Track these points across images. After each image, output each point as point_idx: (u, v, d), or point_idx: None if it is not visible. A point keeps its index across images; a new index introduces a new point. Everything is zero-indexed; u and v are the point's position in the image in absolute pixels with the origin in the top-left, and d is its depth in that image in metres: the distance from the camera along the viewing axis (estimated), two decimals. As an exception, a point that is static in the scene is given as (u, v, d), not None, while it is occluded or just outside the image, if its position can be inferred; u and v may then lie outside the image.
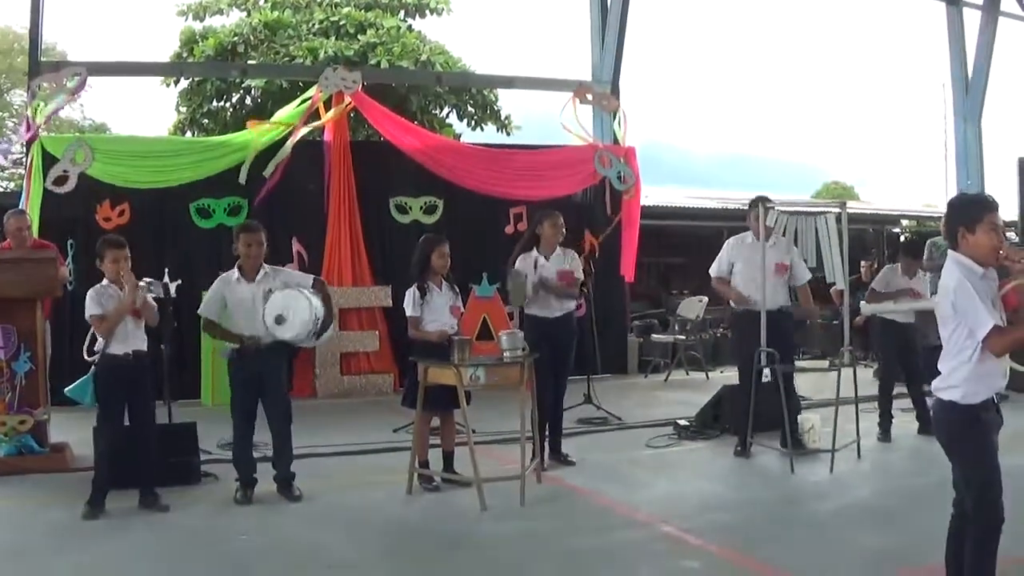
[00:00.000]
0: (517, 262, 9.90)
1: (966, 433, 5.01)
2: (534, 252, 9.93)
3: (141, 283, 8.29)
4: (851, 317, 10.79)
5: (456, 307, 9.17)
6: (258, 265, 8.74)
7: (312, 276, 9.29)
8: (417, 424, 8.99)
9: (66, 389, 8.63)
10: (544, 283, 9.80)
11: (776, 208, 10.16)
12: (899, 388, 11.29)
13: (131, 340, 8.18)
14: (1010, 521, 5.00)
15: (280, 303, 8.50)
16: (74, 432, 9.85)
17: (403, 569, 6.84)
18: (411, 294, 8.99)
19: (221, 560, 6.98)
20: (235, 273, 8.74)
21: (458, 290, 9.33)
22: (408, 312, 9.01)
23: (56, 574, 6.68)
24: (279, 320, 8.43)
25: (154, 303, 8.43)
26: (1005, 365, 5.10)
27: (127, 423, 8.29)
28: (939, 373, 5.15)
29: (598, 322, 14.25)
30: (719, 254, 10.61)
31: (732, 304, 10.55)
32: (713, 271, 10.62)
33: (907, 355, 11.21)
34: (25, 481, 9.12)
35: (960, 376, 4.99)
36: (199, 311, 8.94)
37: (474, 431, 8.80)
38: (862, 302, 11.33)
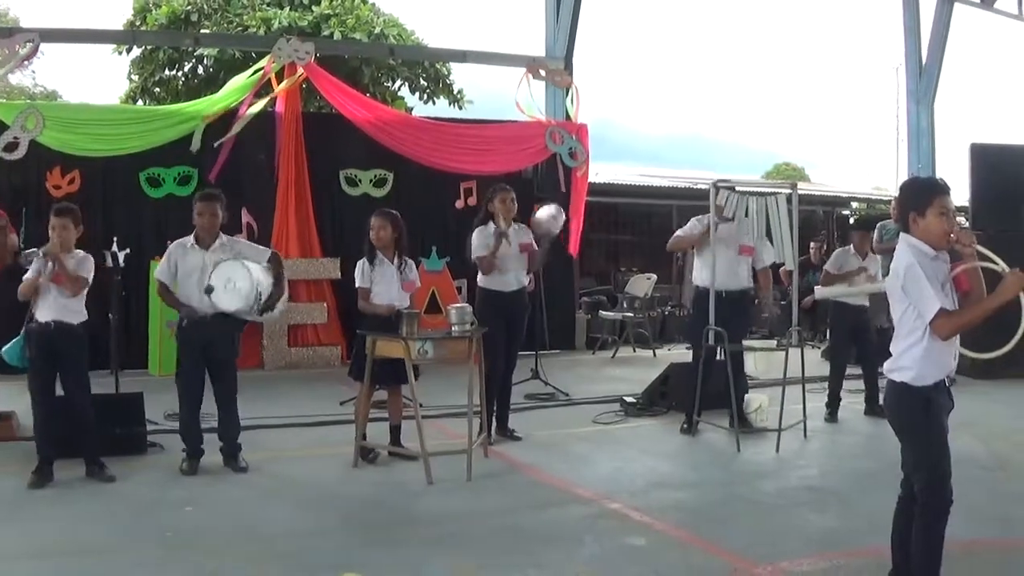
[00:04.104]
0: (475, 235, 9.87)
1: (917, 415, 5.04)
2: (491, 226, 9.88)
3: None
4: (799, 297, 10.81)
5: (410, 282, 9.13)
6: (213, 234, 8.69)
7: (269, 251, 9.24)
8: (360, 396, 9.00)
9: (2, 349, 8.61)
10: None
11: (727, 189, 10.16)
12: (848, 370, 11.36)
13: (51, 310, 8.06)
14: (957, 504, 5.05)
15: (222, 274, 8.40)
16: (20, 401, 9.76)
17: (348, 541, 6.80)
18: (360, 265, 9.02)
19: (167, 530, 6.93)
20: (190, 240, 8.69)
21: (413, 265, 9.29)
22: (357, 283, 9.02)
23: (2, 542, 6.63)
24: (209, 290, 8.31)
25: (79, 275, 8.13)
26: (956, 347, 5.14)
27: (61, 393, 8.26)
28: (891, 355, 5.18)
29: (546, 297, 14.26)
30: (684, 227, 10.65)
31: (696, 284, 10.49)
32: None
33: (860, 337, 11.29)
34: (-30, 450, 9.03)
35: (912, 358, 5.02)
36: (155, 274, 8.88)
37: (421, 405, 8.80)
38: (816, 286, 11.38)
